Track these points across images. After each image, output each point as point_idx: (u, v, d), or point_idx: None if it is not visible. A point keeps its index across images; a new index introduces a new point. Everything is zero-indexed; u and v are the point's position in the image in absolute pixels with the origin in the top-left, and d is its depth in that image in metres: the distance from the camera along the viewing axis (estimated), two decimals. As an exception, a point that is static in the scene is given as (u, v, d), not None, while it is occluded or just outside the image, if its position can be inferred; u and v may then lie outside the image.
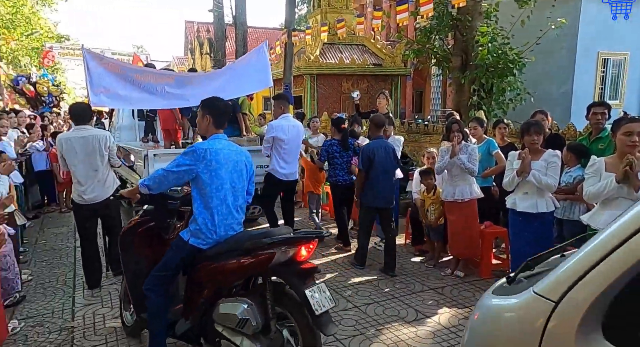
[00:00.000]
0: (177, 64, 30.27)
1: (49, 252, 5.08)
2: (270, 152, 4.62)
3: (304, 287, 2.23)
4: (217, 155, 2.47)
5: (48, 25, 23.99)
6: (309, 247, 2.35)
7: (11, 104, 12.96)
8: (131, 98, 4.53)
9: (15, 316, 3.41)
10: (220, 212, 2.48)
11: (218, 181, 2.47)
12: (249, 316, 2.28)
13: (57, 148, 3.87)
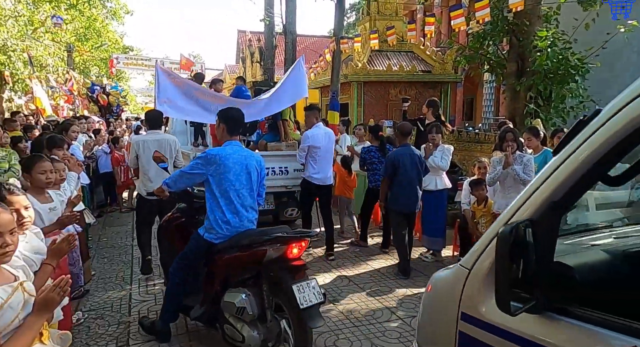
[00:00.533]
0: (229, 72, 31.50)
1: (110, 250, 5.45)
2: (305, 160, 4.92)
3: (291, 282, 2.49)
4: (227, 159, 2.77)
5: (115, 38, 25.91)
6: (300, 246, 2.63)
7: (81, 110, 14.11)
8: (188, 110, 5.18)
9: (80, 308, 3.69)
10: (230, 210, 2.77)
11: (226, 183, 2.76)
12: (245, 305, 2.59)
13: (133, 148, 4.39)
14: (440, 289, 1.49)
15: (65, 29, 19.53)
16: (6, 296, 1.44)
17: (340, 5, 10.44)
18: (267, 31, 14.98)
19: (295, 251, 2.62)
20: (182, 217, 3.31)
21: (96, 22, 22.84)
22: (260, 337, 2.63)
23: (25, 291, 1.53)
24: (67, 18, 19.57)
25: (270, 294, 2.62)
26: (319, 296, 2.51)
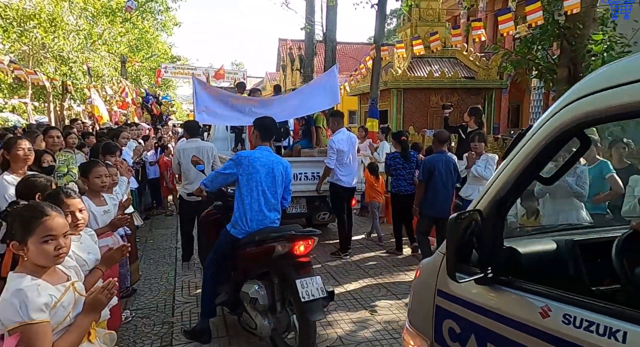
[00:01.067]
0: (270, 79, 32.22)
1: (156, 251, 5.69)
2: (334, 164, 5.16)
3: (296, 276, 2.72)
4: (255, 162, 3.06)
5: (164, 48, 27.26)
6: (307, 243, 2.83)
7: (132, 117, 14.93)
8: (225, 116, 5.57)
9: (128, 306, 3.87)
10: (253, 209, 3.03)
11: (253, 183, 3.03)
12: (258, 296, 2.87)
13: (175, 156, 4.88)
14: (424, 273, 1.73)
15: (120, 40, 20.79)
16: (59, 295, 1.53)
17: (381, 12, 10.41)
18: (308, 39, 15.20)
19: (301, 248, 2.83)
20: (218, 214, 3.65)
21: (147, 34, 24.16)
22: (270, 326, 2.89)
23: (76, 291, 1.62)
24: (121, 31, 20.83)
25: (280, 287, 2.88)
26: (321, 292, 2.71)
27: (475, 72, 12.48)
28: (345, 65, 23.88)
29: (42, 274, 1.53)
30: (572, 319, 1.06)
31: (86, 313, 1.60)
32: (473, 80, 12.32)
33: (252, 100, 6.00)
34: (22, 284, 1.44)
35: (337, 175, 5.19)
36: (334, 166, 5.15)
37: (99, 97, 12.70)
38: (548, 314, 1.13)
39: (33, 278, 1.49)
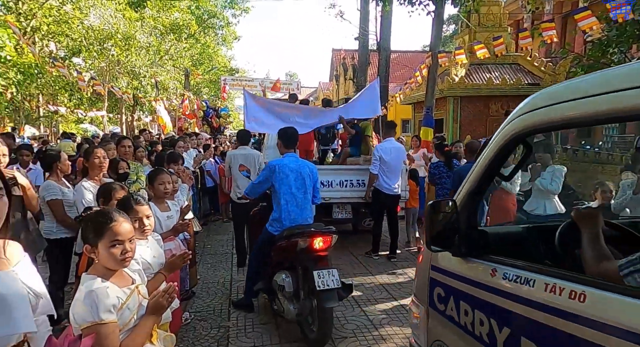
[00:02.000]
0: (323, 89, 32.66)
1: (213, 256, 5.90)
2: (377, 171, 5.40)
3: (314, 268, 3.13)
4: (284, 168, 3.50)
5: (224, 61, 28.66)
6: (325, 239, 3.22)
7: (193, 127, 15.79)
8: (271, 124, 5.92)
9: (187, 309, 4.03)
10: (286, 209, 3.48)
11: (285, 186, 3.48)
12: (284, 283, 3.33)
13: (227, 161, 5.39)
14: (424, 255, 2.09)
15: (184, 55, 22.18)
16: (125, 298, 1.61)
17: (438, 19, 10.19)
18: (361, 48, 15.23)
19: (320, 243, 3.22)
20: (262, 213, 4.06)
21: (209, 49, 25.57)
22: (294, 311, 3.31)
23: (140, 294, 1.70)
24: (186, 46, 22.21)
25: (302, 276, 3.27)
26: (336, 283, 3.10)
27: (541, 78, 11.77)
28: (399, 73, 23.62)
29: (110, 277, 1.63)
30: (508, 275, 1.49)
31: (149, 315, 1.68)
32: (538, 86, 11.62)
33: (296, 109, 6.46)
34: (93, 286, 1.54)
35: (379, 181, 5.44)
36: (377, 172, 5.41)
37: (164, 108, 13.59)
38: (495, 274, 1.55)
39: (103, 280, 1.58)
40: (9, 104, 14.87)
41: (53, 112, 18.82)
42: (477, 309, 1.61)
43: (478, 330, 1.59)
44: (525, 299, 1.37)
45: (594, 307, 1.12)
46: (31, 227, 3.05)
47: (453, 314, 1.76)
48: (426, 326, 1.99)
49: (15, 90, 12.00)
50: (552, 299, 1.25)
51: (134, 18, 17.03)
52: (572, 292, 1.19)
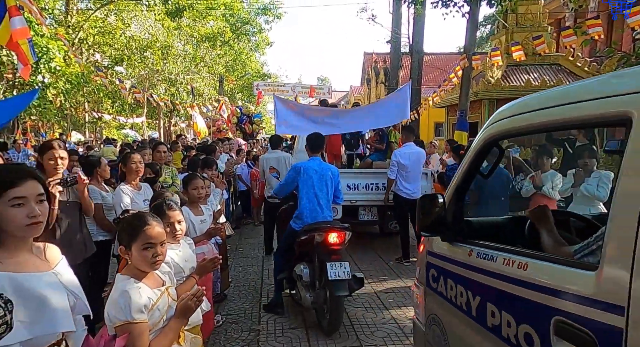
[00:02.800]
0: (354, 93, 32.60)
1: (244, 260, 5.99)
2: (395, 175, 5.49)
3: (327, 260, 3.48)
4: (309, 170, 3.84)
5: (257, 67, 29.22)
6: (339, 235, 3.57)
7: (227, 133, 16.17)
8: (301, 127, 6.06)
9: (219, 311, 4.11)
10: (308, 207, 3.80)
11: (307, 187, 3.80)
12: (302, 274, 3.72)
13: (260, 164, 5.81)
14: (423, 244, 2.37)
15: (218, 62, 22.79)
16: (155, 299, 1.67)
17: (472, 20, 9.95)
18: (393, 52, 15.11)
19: (334, 238, 3.56)
20: (289, 211, 4.33)
21: (242, 55, 26.15)
22: (310, 299, 3.68)
23: (170, 296, 1.76)
24: (220, 53, 22.82)
25: (318, 268, 3.62)
26: (347, 275, 3.44)
27: (584, 78, 11.23)
28: (432, 76, 23.20)
29: (142, 278, 1.69)
30: (479, 254, 1.79)
31: (177, 318, 1.73)
32: (580, 87, 11.09)
33: (325, 111, 6.61)
34: (126, 286, 1.60)
35: (398, 185, 5.55)
36: (394, 177, 5.52)
37: (199, 114, 14.00)
38: (471, 254, 1.84)
39: (136, 281, 1.65)
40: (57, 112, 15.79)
41: (97, 118, 19.83)
42: (458, 283, 1.95)
43: (459, 301, 1.93)
44: (490, 271, 1.70)
45: (533, 273, 1.46)
46: (84, 231, 3.20)
47: (442, 290, 2.10)
48: (424, 303, 2.31)
49: (64, 98, 12.74)
50: (506, 270, 1.59)
51: (172, 27, 17.70)
52: (520, 263, 1.53)
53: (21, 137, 11.73)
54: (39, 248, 1.40)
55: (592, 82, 1.53)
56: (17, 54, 4.96)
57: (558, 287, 1.33)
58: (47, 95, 10.28)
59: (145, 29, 16.10)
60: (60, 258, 1.46)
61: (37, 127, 19.16)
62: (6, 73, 9.88)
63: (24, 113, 10.15)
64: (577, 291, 1.25)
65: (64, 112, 18.14)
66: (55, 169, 2.92)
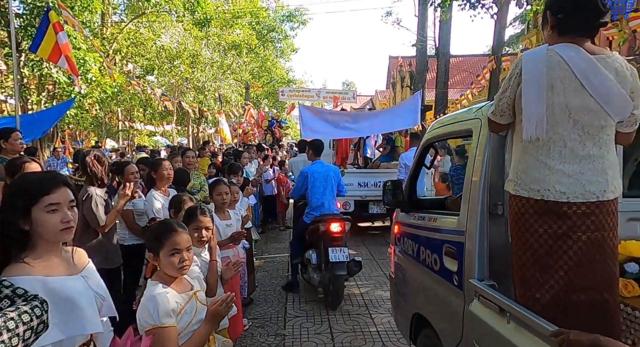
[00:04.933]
0: (379, 97, 32.41)
1: (270, 264, 6.04)
2: (403, 176, 5.82)
3: (329, 246, 4.26)
4: (315, 173, 4.61)
5: (282, 73, 29.56)
6: (339, 224, 4.35)
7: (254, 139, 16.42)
8: (324, 131, 6.73)
9: (246, 315, 4.15)
10: (315, 204, 4.55)
11: (315, 188, 4.57)
12: (310, 257, 4.47)
13: (289, 167, 6.50)
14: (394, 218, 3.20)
15: (245, 69, 23.22)
16: (183, 303, 1.70)
17: (501, 21, 9.72)
18: (419, 55, 14.93)
19: (335, 228, 4.33)
20: (302, 207, 4.99)
21: (268, 62, 26.53)
22: (317, 279, 4.46)
23: (198, 300, 1.79)
24: (246, 61, 23.23)
25: (323, 252, 4.31)
26: (345, 257, 4.22)
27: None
28: (460, 78, 22.77)
29: (171, 283, 1.73)
30: (418, 217, 2.67)
31: (208, 322, 1.76)
32: (617, 87, 10.60)
33: (344, 115, 7.45)
34: (155, 291, 1.65)
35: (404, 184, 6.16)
36: (402, 177, 5.81)
37: (225, 121, 14.29)
38: (415, 217, 2.72)
39: (164, 286, 1.69)
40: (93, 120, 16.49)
41: (129, 126, 20.57)
42: (408, 238, 2.81)
43: (409, 249, 2.78)
44: (421, 226, 2.60)
45: (438, 223, 2.40)
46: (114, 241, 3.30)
47: (401, 245, 2.95)
48: (393, 257, 3.14)
49: (99, 107, 13.30)
50: (428, 224, 2.52)
51: (200, 36, 18.19)
52: (434, 219, 2.47)
53: (60, 145, 12.31)
54: (68, 252, 1.46)
55: (461, 112, 2.43)
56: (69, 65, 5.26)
57: (446, 227, 2.27)
58: (83, 105, 10.76)
59: (175, 39, 16.62)
60: (88, 261, 1.52)
61: (74, 135, 20.07)
62: (47, 85, 10.42)
63: (62, 122, 10.65)
64: (451, 227, 2.20)
65: (99, 120, 18.93)
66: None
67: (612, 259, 1.59)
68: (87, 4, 9.95)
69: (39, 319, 1.11)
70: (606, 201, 1.56)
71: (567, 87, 1.53)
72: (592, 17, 1.54)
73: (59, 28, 5.14)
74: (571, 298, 1.55)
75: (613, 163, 1.61)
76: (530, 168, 1.60)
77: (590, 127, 1.55)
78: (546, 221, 1.56)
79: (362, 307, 4.36)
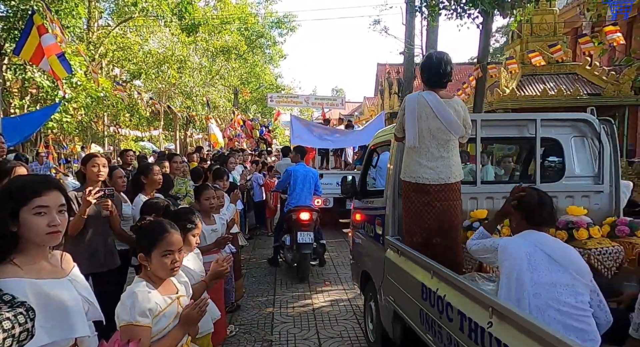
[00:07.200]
0: (367, 104, 32.63)
1: (258, 270, 6.00)
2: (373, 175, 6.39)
3: (298, 230, 5.29)
4: (296, 173, 5.62)
5: (271, 79, 29.56)
6: (308, 213, 5.39)
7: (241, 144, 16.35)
8: (311, 141, 8.24)
9: (233, 321, 4.11)
10: (295, 197, 5.55)
11: (295, 184, 5.56)
12: (286, 240, 5.54)
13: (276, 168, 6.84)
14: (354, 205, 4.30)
15: (233, 74, 23.17)
16: (164, 305, 1.67)
17: (485, 30, 9.91)
18: (407, 63, 15.11)
19: (305, 216, 5.35)
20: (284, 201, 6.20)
21: (256, 67, 26.51)
22: (290, 258, 5.48)
23: (180, 305, 1.75)
24: (235, 66, 23.18)
25: (294, 236, 5.31)
26: (311, 240, 5.26)
27: (602, 87, 11.01)
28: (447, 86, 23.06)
29: (158, 285, 1.70)
30: (365, 201, 3.79)
31: (180, 326, 1.71)
32: (599, 96, 10.88)
33: (325, 130, 9.08)
34: (137, 288, 1.63)
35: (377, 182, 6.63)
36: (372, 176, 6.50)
37: (215, 126, 14.21)
38: (364, 201, 3.81)
39: (148, 284, 1.67)
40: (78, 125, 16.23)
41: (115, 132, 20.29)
42: (360, 218, 3.85)
43: (360, 227, 3.79)
44: (367, 208, 3.64)
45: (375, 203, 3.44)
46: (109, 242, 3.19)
47: (357, 225, 3.99)
48: (352, 237, 4.19)
49: (84, 112, 13.08)
50: (372, 205, 3.47)
51: (188, 42, 18.11)
52: (374, 201, 3.46)
53: (44, 150, 12.08)
54: (55, 256, 1.44)
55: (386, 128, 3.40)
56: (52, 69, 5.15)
57: (378, 205, 3.29)
58: (68, 109, 10.58)
59: (162, 44, 16.51)
60: (73, 265, 1.50)
61: (58, 140, 19.70)
62: (30, 88, 10.24)
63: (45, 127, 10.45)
64: (380, 205, 3.19)
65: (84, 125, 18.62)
66: (98, 176, 3.02)
67: (456, 218, 2.65)
68: (72, 8, 9.84)
69: (22, 327, 1.08)
70: (451, 183, 2.60)
71: (428, 117, 2.57)
72: (438, 78, 2.65)
73: (44, 30, 5.06)
74: (432, 241, 2.60)
75: (456, 161, 2.65)
76: (411, 164, 2.67)
77: (441, 140, 2.60)
78: (418, 195, 2.64)
79: (349, 313, 4.36)
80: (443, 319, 2.01)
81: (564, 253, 1.88)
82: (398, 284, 2.68)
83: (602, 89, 10.98)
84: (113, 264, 3.16)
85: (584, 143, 3.24)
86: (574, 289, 1.78)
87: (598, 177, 3.20)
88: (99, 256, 3.06)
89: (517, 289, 1.81)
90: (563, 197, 3.10)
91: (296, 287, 5.19)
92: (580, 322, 1.73)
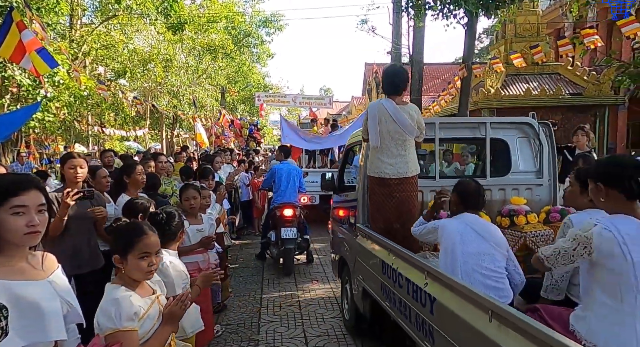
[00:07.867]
0: (355, 103, 32.73)
1: (245, 270, 5.97)
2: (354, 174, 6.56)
3: (282, 226, 5.51)
4: (281, 170, 5.85)
5: (259, 79, 29.39)
6: (292, 209, 5.61)
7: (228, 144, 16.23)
8: (298, 141, 8.97)
9: (219, 321, 4.09)
10: (280, 194, 5.75)
11: (280, 181, 5.77)
12: (271, 236, 5.78)
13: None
14: None
15: (220, 73, 22.97)
16: (146, 307, 1.65)
17: (470, 31, 10.02)
18: (394, 62, 15.21)
19: (288, 212, 5.58)
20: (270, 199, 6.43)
21: (244, 67, 26.33)
22: (275, 252, 5.72)
23: (160, 304, 1.73)
24: (222, 65, 22.99)
25: (279, 232, 5.51)
26: (294, 235, 5.46)
27: (583, 87, 11.24)
28: (432, 86, 23.29)
29: (135, 287, 1.67)
30: (342, 195, 4.33)
31: (164, 324, 1.69)
32: (580, 96, 11.11)
33: (309, 134, 9.90)
34: (117, 294, 1.59)
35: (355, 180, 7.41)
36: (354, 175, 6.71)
37: (201, 126, 14.08)
38: (341, 195, 4.35)
39: (127, 289, 1.63)
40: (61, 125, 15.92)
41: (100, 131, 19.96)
42: (337, 210, 4.28)
43: (337, 218, 4.27)
44: (343, 200, 4.22)
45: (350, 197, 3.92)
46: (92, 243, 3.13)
47: (335, 216, 4.42)
48: (331, 227, 4.62)
49: (67, 111, 12.84)
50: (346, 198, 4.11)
51: (174, 40, 17.90)
52: (350, 194, 3.94)
53: (25, 150, 11.81)
54: (36, 257, 1.41)
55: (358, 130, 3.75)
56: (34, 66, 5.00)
57: (352, 198, 3.74)
58: (50, 108, 10.37)
59: (147, 42, 16.30)
60: (56, 267, 1.47)
61: (40, 139, 19.30)
62: (11, 87, 9.99)
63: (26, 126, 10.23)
64: (353, 197, 3.65)
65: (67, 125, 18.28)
66: (75, 178, 2.94)
67: (413, 207, 3.13)
68: (54, 5, 9.64)
69: None
70: (408, 177, 3.06)
71: (387, 120, 3.02)
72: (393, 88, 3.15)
73: (23, 26, 4.94)
74: (392, 226, 3.07)
75: (412, 158, 3.10)
76: (374, 161, 3.12)
77: (399, 140, 3.05)
78: (380, 188, 3.09)
79: (335, 311, 4.37)
80: (396, 287, 2.52)
81: (488, 230, 2.38)
82: (365, 264, 3.17)
83: (583, 89, 11.20)
84: (97, 264, 3.11)
85: (527, 143, 3.67)
86: (494, 257, 2.29)
87: (539, 172, 3.62)
88: (83, 256, 3.01)
89: (452, 258, 2.32)
90: (510, 190, 3.55)
91: (283, 286, 5.18)
92: (497, 282, 2.25)
